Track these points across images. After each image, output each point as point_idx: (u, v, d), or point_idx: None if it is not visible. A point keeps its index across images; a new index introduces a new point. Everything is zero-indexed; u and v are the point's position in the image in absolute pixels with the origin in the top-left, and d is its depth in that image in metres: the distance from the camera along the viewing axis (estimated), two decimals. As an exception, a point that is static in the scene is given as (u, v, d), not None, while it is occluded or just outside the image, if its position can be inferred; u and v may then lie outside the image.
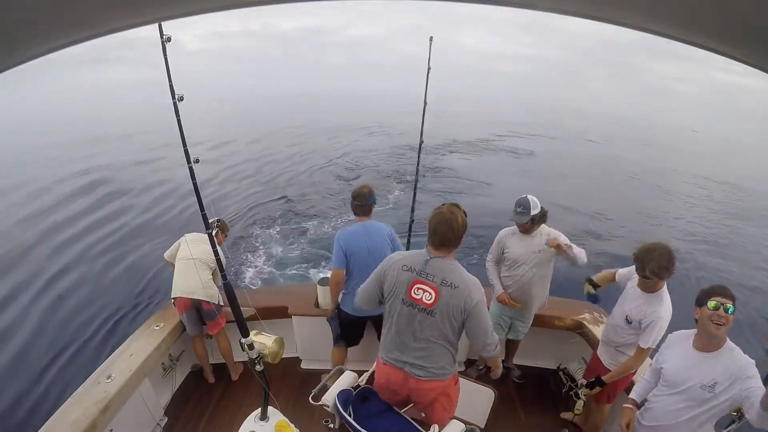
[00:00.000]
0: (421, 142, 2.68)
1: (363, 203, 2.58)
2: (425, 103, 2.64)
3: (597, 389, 2.36)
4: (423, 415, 2.00)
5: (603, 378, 2.33)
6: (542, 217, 2.64)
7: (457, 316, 1.70)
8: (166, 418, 2.86)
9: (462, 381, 2.06)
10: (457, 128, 25.99)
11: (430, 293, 1.71)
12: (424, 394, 1.86)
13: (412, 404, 2.05)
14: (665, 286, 2.16)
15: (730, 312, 1.66)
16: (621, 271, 2.44)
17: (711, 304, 1.68)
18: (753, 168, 34.31)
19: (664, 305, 2.11)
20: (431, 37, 2.54)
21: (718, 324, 1.68)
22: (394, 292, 1.79)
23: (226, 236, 3.24)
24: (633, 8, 0.52)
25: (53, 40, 0.53)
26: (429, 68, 2.57)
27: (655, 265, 1.99)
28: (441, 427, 1.85)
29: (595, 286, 2.52)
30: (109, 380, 2.35)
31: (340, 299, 2.75)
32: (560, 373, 3.25)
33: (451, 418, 1.97)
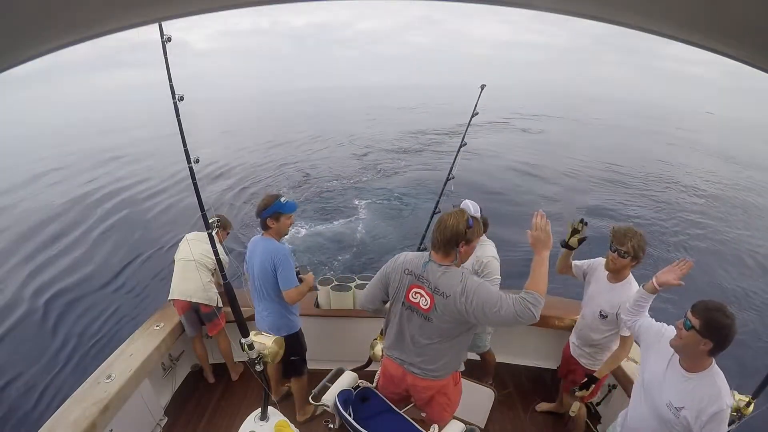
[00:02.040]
0: (451, 177, 2.58)
1: (258, 216, 2.35)
2: (463, 143, 2.53)
3: (593, 387, 2.33)
4: (423, 414, 2.00)
5: (594, 374, 2.30)
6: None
7: (457, 318, 1.68)
8: (166, 418, 2.86)
9: (462, 381, 2.06)
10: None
11: (426, 299, 1.71)
12: (421, 391, 1.88)
13: (412, 404, 2.06)
14: (630, 274, 2.15)
15: (686, 327, 1.50)
16: (576, 263, 2.35)
17: None
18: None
19: (633, 289, 2.06)
20: (483, 85, 2.43)
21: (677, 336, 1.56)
22: (397, 294, 1.82)
23: (228, 233, 3.18)
24: (633, 8, 0.52)
25: (53, 40, 0.53)
26: (476, 113, 2.50)
27: (636, 242, 2.01)
28: (441, 426, 1.85)
29: (576, 239, 2.17)
30: (109, 380, 2.35)
31: None
32: (560, 373, 3.24)
33: (452, 418, 1.97)
